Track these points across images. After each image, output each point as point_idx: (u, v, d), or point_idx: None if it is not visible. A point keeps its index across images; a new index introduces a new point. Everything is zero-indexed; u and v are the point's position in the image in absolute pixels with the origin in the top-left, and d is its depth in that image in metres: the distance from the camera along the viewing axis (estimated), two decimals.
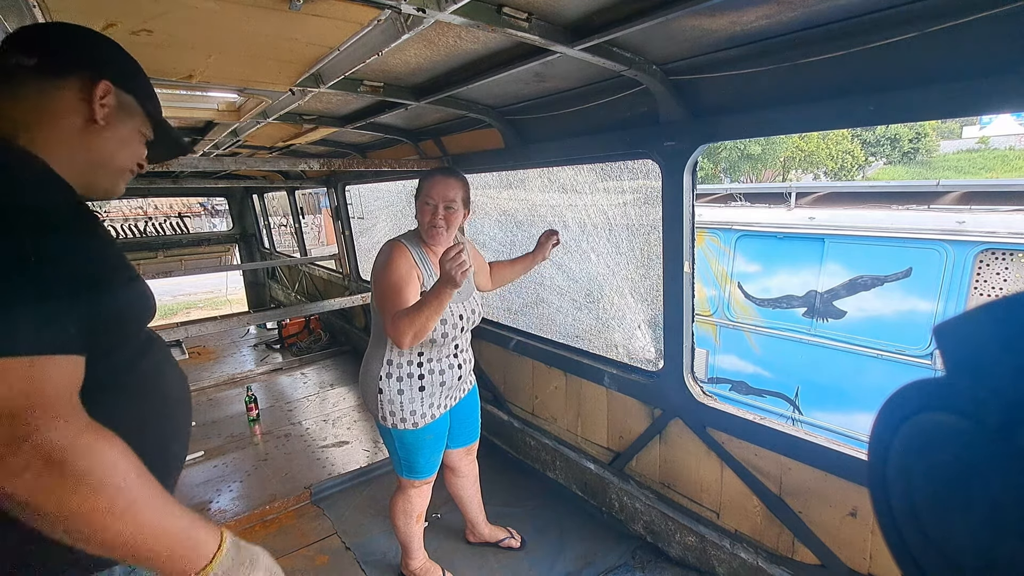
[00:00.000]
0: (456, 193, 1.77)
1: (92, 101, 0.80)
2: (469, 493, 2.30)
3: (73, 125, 0.80)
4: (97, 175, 0.85)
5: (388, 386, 1.80)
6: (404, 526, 2.05)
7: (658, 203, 1.97)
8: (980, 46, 1.15)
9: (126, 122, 0.87)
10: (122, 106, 0.85)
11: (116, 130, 0.85)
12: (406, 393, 1.81)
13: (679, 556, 2.18)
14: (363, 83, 2.00)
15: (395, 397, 1.80)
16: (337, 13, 1.28)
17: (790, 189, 5.15)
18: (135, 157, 0.91)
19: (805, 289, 4.37)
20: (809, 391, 4.43)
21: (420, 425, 1.84)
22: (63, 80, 0.79)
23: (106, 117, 0.82)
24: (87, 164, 0.83)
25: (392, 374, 1.80)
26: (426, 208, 1.78)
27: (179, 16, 1.28)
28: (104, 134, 0.83)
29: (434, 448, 1.93)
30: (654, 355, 2.49)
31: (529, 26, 1.36)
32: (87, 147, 0.82)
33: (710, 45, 1.55)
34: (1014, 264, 3.47)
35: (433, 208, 1.76)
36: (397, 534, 2.10)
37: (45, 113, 0.78)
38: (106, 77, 0.81)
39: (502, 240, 3.50)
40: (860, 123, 1.40)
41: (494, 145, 2.71)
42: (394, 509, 2.03)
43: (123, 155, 0.88)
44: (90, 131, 0.81)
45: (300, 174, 5.12)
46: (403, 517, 2.03)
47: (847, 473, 1.61)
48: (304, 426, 3.76)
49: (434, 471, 1.98)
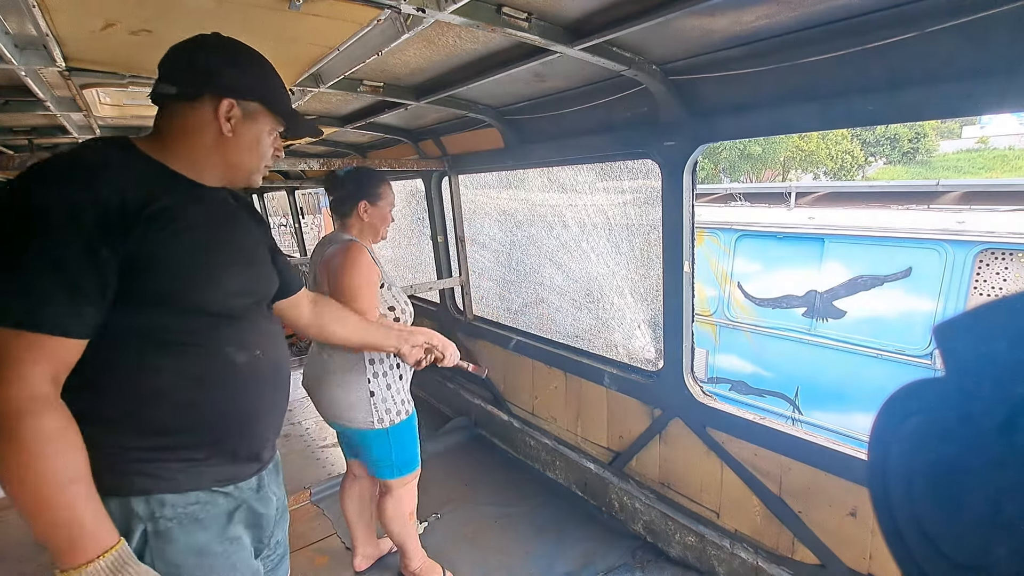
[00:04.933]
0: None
1: (218, 119, 0.95)
2: (369, 501, 2.16)
3: (206, 138, 0.97)
4: (235, 173, 1.03)
5: (378, 386, 1.80)
6: (400, 528, 2.02)
7: (658, 203, 1.97)
8: (980, 46, 1.15)
9: (252, 127, 1.00)
10: (248, 115, 0.99)
11: (242, 138, 0.99)
12: (393, 386, 1.83)
13: (679, 556, 2.18)
14: (363, 83, 2.00)
15: (386, 394, 1.81)
16: (337, 13, 1.28)
17: (790, 189, 5.15)
18: (264, 156, 1.05)
19: (805, 289, 4.37)
20: (809, 391, 4.44)
21: (409, 412, 1.88)
22: (197, 103, 0.95)
23: (233, 129, 0.97)
24: (224, 167, 1.00)
25: (378, 372, 1.81)
26: (388, 213, 1.88)
27: (179, 16, 1.28)
28: (233, 143, 0.99)
29: (416, 434, 1.96)
30: (654, 355, 2.49)
31: (529, 26, 1.36)
32: (221, 153, 0.99)
33: (710, 45, 1.55)
34: (1014, 264, 3.47)
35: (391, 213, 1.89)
36: (393, 538, 2.07)
37: (182, 130, 0.96)
38: (230, 96, 0.96)
39: (502, 240, 3.50)
40: (860, 123, 1.40)
41: (494, 145, 2.71)
42: (386, 515, 1.98)
43: (251, 157, 1.02)
44: (221, 142, 0.98)
45: (300, 174, 5.13)
46: (398, 519, 2.00)
47: (847, 473, 1.61)
48: (304, 426, 3.76)
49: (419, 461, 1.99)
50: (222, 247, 1.00)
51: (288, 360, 1.17)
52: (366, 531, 2.20)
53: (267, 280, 1.13)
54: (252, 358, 1.02)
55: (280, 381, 1.12)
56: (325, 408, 1.85)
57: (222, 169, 1.01)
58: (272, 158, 1.07)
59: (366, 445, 1.85)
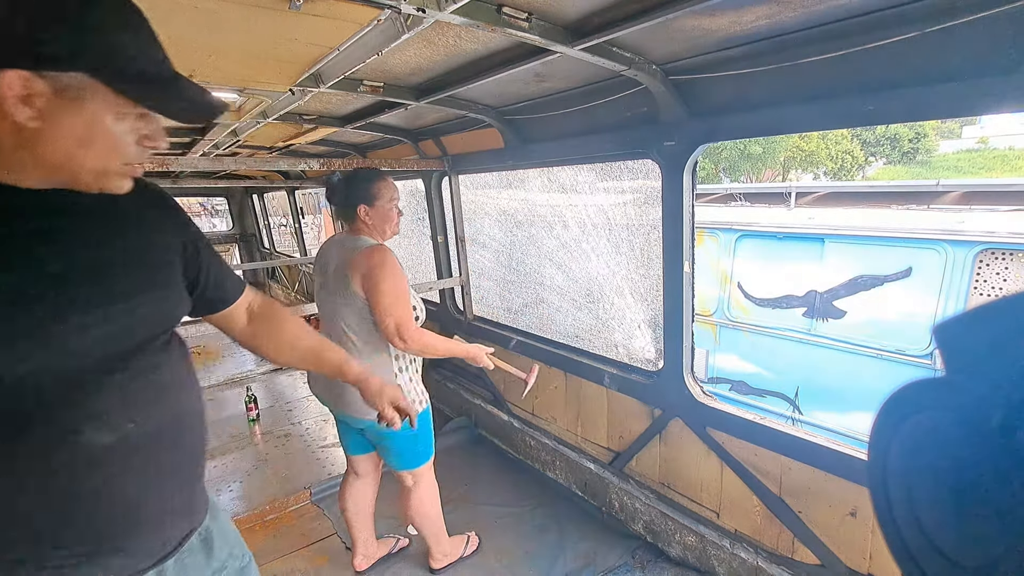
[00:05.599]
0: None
1: (4, 102, 0.60)
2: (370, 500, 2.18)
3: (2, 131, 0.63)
4: (68, 176, 0.70)
5: (404, 379, 1.86)
6: (436, 512, 2.09)
7: (658, 203, 1.97)
8: (980, 46, 1.14)
9: (78, 111, 0.65)
10: (66, 92, 0.63)
11: (60, 126, 0.64)
12: (414, 377, 1.90)
13: (679, 556, 2.18)
14: (363, 83, 2.00)
15: (410, 386, 1.88)
16: (337, 13, 1.28)
17: (790, 189, 5.16)
18: (118, 148, 0.70)
19: (805, 289, 4.37)
20: (809, 391, 4.43)
21: (427, 402, 1.94)
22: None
23: (41, 115, 0.62)
24: (46, 168, 0.68)
25: (403, 367, 1.87)
26: (395, 210, 1.89)
27: (179, 16, 1.28)
28: (46, 135, 0.64)
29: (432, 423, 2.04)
30: (654, 355, 2.49)
31: (529, 26, 1.36)
32: (30, 151, 0.66)
33: (710, 45, 1.55)
34: (1014, 264, 3.47)
35: (398, 209, 1.90)
36: (431, 527, 2.11)
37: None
38: (27, 65, 0.60)
39: (502, 240, 3.49)
40: (860, 123, 1.40)
41: (494, 145, 2.71)
42: (423, 506, 2.03)
43: (88, 153, 0.68)
44: (24, 135, 0.64)
45: (300, 174, 5.13)
46: (433, 504, 2.07)
47: (847, 473, 1.61)
48: (304, 426, 3.76)
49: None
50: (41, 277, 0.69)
51: (194, 410, 0.89)
52: (366, 531, 2.21)
53: (155, 312, 0.82)
54: (121, 436, 0.75)
55: (180, 448, 0.85)
56: (348, 403, 1.81)
57: (44, 171, 0.69)
58: (141, 147, 0.73)
59: (392, 436, 1.89)
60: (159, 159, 2.41)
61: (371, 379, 1.26)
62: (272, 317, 1.15)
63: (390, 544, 2.34)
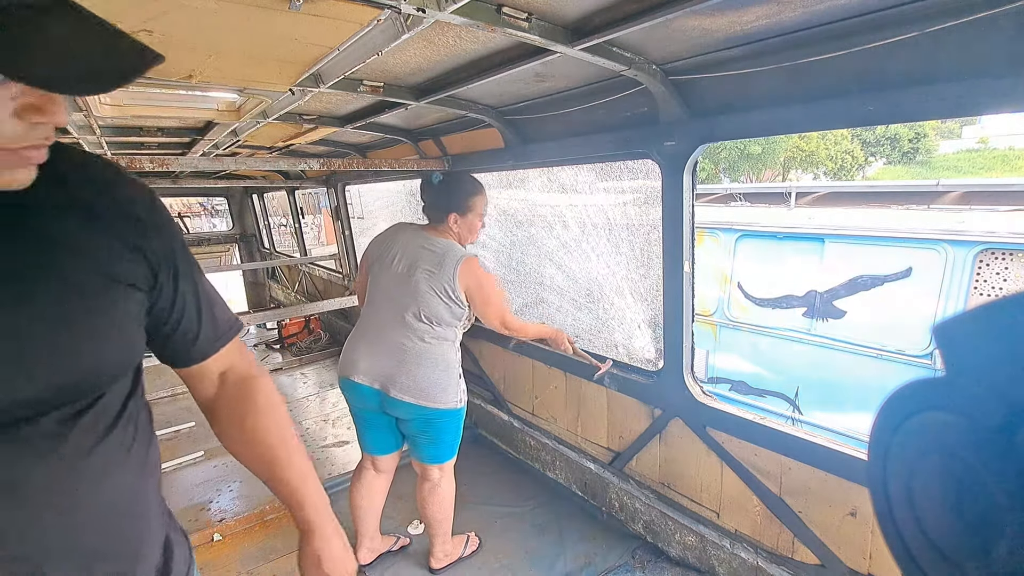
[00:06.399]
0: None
1: None
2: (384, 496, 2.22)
3: None
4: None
5: (455, 375, 1.98)
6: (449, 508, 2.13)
7: (658, 203, 1.97)
8: (980, 46, 1.14)
9: None
10: None
11: None
12: (462, 374, 2.03)
13: (679, 556, 2.18)
14: (363, 83, 2.00)
15: (460, 381, 2.00)
16: (337, 13, 1.28)
17: (790, 189, 5.16)
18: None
19: (805, 289, 4.37)
20: (809, 391, 4.44)
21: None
22: None
23: None
24: None
25: (458, 358, 2.01)
26: (477, 223, 2.00)
27: (179, 16, 1.28)
28: None
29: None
30: (654, 355, 2.49)
31: (529, 26, 1.36)
32: None
33: (710, 45, 1.55)
34: (1014, 264, 3.47)
35: (483, 222, 2.03)
36: (443, 525, 2.14)
37: None
38: None
39: (502, 240, 3.50)
40: (860, 123, 1.40)
41: (494, 145, 2.71)
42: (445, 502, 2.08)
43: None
44: None
45: (300, 174, 5.12)
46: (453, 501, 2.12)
47: (847, 473, 1.61)
48: (304, 426, 3.76)
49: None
50: None
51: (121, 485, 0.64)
52: (373, 526, 2.24)
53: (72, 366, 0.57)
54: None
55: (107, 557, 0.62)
56: (408, 388, 1.89)
57: None
58: (28, 125, 0.49)
59: (438, 426, 1.96)
60: (159, 159, 2.41)
61: (326, 525, 0.92)
62: (245, 401, 0.86)
63: (391, 541, 2.35)
